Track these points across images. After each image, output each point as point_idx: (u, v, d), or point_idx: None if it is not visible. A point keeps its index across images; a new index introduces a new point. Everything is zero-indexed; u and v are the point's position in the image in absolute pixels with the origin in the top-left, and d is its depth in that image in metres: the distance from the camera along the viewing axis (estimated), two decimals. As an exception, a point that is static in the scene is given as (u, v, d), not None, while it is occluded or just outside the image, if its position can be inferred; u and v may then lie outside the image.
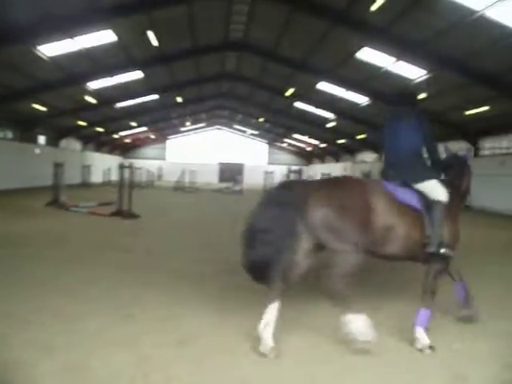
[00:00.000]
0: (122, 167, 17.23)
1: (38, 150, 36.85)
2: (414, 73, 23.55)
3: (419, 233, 5.19)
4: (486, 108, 24.22)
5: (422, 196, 5.39)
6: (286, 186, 5.63)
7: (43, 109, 30.97)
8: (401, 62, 22.68)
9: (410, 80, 24.31)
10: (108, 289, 6.53)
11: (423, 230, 5.20)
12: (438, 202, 5.26)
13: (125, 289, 6.55)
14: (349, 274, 4.82)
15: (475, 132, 30.00)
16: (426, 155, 5.91)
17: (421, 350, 4.72)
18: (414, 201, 5.33)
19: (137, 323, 5.19)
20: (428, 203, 5.32)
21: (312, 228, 4.88)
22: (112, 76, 28.63)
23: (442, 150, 6.52)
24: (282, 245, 4.80)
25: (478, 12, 15.96)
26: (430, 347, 4.73)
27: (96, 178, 48.54)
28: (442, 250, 5.13)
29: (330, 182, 5.79)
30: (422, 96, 23.48)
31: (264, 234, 4.80)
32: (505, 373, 4.21)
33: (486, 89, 22.02)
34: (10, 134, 32.91)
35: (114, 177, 47.25)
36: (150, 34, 21.02)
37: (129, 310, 5.61)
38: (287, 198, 4.95)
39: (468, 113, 25.88)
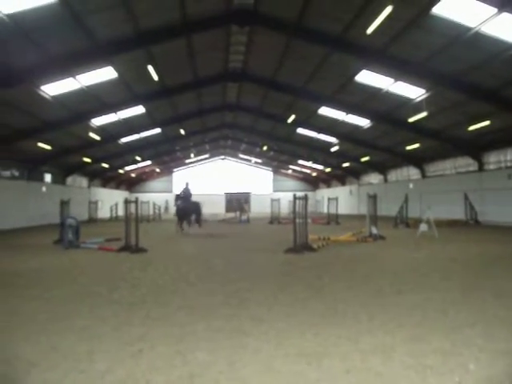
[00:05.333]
0: (127, 202, 17.25)
1: (44, 188, 37.08)
2: (413, 92, 23.67)
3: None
4: (487, 122, 24.17)
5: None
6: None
7: (48, 147, 31.22)
8: (399, 83, 22.79)
9: (410, 100, 24.42)
10: (117, 326, 6.46)
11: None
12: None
13: (133, 325, 6.47)
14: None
15: (479, 147, 29.96)
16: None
17: None
18: None
19: (146, 360, 5.10)
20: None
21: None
22: (115, 112, 28.90)
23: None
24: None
25: (473, 28, 16.12)
26: None
27: (103, 213, 48.62)
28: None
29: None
30: (421, 115, 23.52)
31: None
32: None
33: (486, 103, 22.10)
34: (16, 173, 33.09)
35: (121, 212, 47.47)
36: (150, 69, 21.21)
37: (137, 347, 5.52)
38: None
39: (470, 128, 25.81)
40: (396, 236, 21.39)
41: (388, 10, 14.87)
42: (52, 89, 22.16)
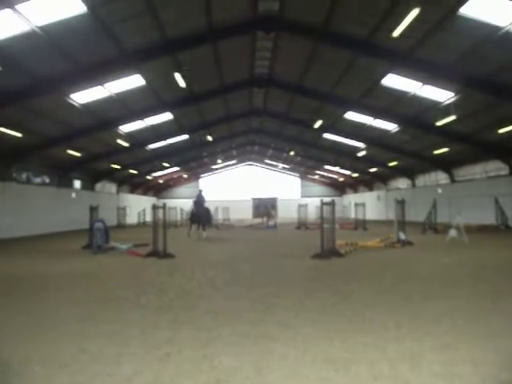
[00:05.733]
0: (155, 208, 17.39)
1: (73, 195, 37.62)
2: (441, 95, 23.30)
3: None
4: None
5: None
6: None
7: (78, 154, 31.72)
8: (427, 86, 22.51)
9: (438, 103, 24.08)
10: (145, 329, 6.51)
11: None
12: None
13: (161, 329, 6.52)
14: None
15: (510, 150, 29.40)
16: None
17: None
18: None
19: (173, 364, 5.14)
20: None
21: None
22: (143, 119, 29.20)
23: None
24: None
25: (503, 28, 15.79)
26: None
27: (131, 219, 49.02)
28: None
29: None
30: (449, 119, 23.15)
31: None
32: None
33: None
34: (47, 180, 33.65)
35: (149, 217, 47.80)
36: (177, 76, 21.38)
37: (165, 351, 5.56)
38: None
39: (501, 131, 25.33)
40: (424, 242, 21.15)
41: (414, 12, 14.72)
42: (81, 97, 22.52)
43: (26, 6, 13.73)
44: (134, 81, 22.43)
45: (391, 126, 31.55)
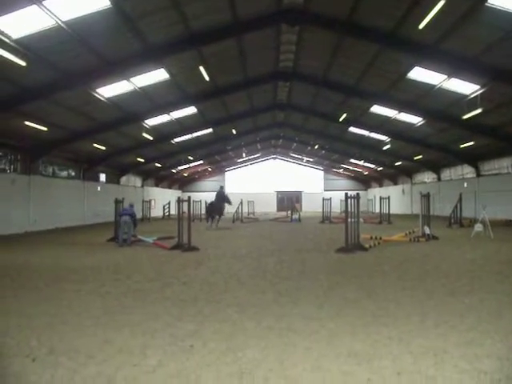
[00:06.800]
0: (180, 201, 17.49)
1: (99, 188, 38.00)
2: (466, 88, 22.86)
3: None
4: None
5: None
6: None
7: (103, 148, 32.02)
8: (453, 79, 22.13)
9: (464, 96, 23.63)
10: (169, 321, 6.58)
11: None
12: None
13: (185, 322, 6.58)
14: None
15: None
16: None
17: None
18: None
19: (197, 356, 5.19)
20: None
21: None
22: (167, 113, 29.35)
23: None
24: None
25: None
26: None
27: (156, 212, 49.35)
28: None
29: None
30: (475, 112, 22.70)
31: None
32: None
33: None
34: (72, 173, 34.02)
35: (174, 210, 48.13)
36: (202, 70, 21.42)
37: (189, 343, 5.62)
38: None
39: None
40: (449, 236, 20.95)
41: (441, 3, 14.52)
42: (107, 91, 22.71)
43: (52, 1, 13.89)
44: (158, 75, 22.53)
45: (416, 120, 31.17)
